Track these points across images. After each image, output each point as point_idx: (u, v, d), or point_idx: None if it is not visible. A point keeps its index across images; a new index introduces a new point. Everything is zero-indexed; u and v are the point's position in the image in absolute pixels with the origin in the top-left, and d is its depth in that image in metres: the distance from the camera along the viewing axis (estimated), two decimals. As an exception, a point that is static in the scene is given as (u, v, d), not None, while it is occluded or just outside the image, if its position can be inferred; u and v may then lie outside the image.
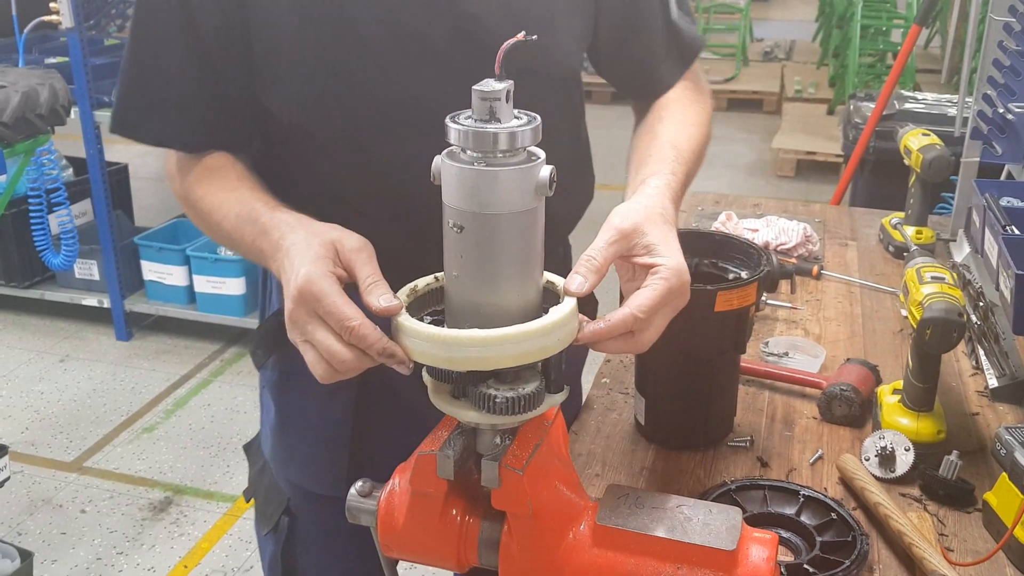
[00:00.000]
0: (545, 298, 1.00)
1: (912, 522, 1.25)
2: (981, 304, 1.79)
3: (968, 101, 2.19)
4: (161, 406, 3.87)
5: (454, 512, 0.99)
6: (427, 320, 1.00)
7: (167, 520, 3.19)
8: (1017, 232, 1.61)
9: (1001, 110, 1.98)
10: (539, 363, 0.95)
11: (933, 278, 1.40)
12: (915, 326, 1.36)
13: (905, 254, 1.81)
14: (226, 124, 1.23)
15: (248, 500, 1.52)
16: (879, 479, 1.37)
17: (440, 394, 0.97)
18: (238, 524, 3.17)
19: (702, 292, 1.31)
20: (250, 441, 1.55)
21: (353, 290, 0.98)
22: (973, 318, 1.77)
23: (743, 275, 1.42)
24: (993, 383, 1.62)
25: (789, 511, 1.30)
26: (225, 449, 3.57)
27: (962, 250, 2.10)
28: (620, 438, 1.51)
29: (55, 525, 3.16)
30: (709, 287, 1.33)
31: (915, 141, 2.11)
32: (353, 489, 1.03)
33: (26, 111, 3.09)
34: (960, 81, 2.31)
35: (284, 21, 1.14)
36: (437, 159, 0.91)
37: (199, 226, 1.25)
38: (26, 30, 3.85)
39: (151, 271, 4.32)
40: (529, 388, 0.93)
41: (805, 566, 1.19)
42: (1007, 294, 1.48)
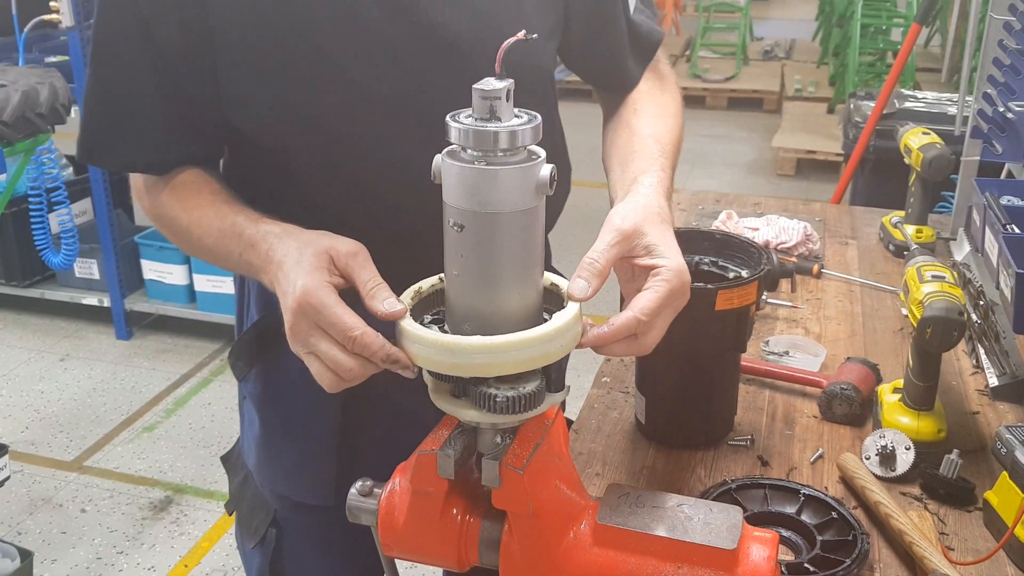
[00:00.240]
0: (550, 300, 1.00)
1: (913, 521, 1.25)
2: (981, 303, 1.79)
3: (968, 100, 2.19)
4: (161, 405, 3.87)
5: (455, 511, 0.99)
6: (428, 320, 1.00)
7: (167, 519, 3.19)
8: (1017, 231, 1.61)
9: (1001, 109, 1.98)
10: None
11: (933, 277, 1.40)
12: (915, 325, 1.36)
13: (905, 253, 1.81)
14: (194, 143, 1.20)
15: (230, 513, 1.50)
16: (880, 478, 1.37)
17: (440, 393, 0.97)
18: (238, 523, 3.17)
19: (703, 291, 1.31)
20: (228, 452, 1.51)
21: (350, 295, 0.98)
22: (973, 317, 1.76)
23: (743, 274, 1.41)
24: (993, 382, 1.62)
25: (790, 510, 1.30)
26: (225, 448, 3.55)
27: (962, 249, 2.10)
28: (621, 437, 1.51)
29: (55, 524, 3.16)
30: (710, 286, 1.33)
31: (915, 140, 2.11)
32: (353, 489, 1.03)
33: (26, 110, 3.09)
34: (960, 80, 2.31)
35: (249, 42, 1.11)
36: (437, 158, 0.91)
37: (176, 243, 1.23)
38: (26, 29, 3.85)
39: (151, 270, 4.32)
40: (530, 387, 0.93)
41: (806, 565, 1.19)
42: (1007, 293, 1.48)
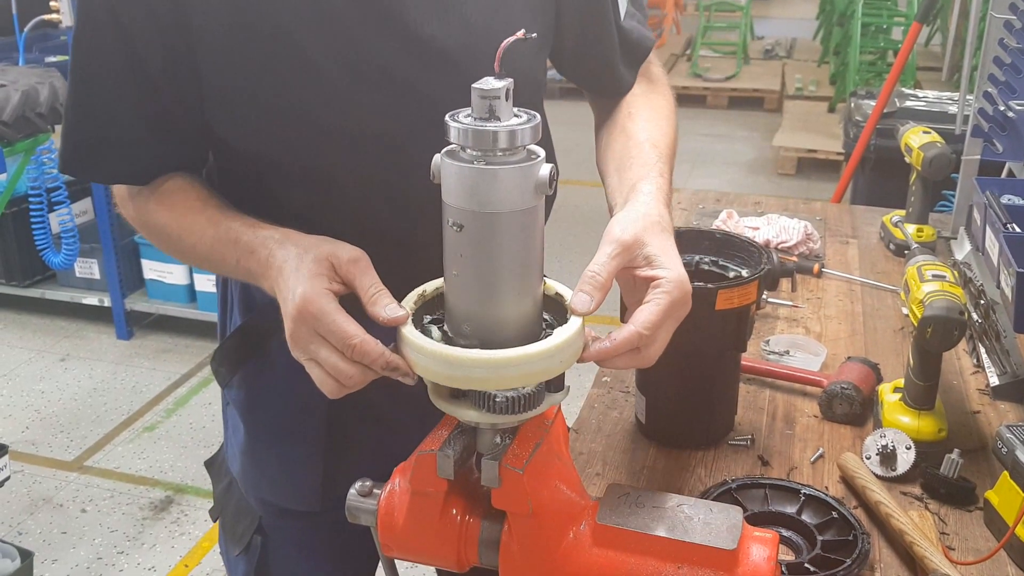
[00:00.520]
0: (554, 310, 0.99)
1: (913, 521, 1.25)
2: (982, 302, 1.79)
3: (969, 99, 2.19)
4: (162, 405, 3.87)
5: (454, 512, 0.98)
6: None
7: (168, 519, 3.19)
8: (1018, 230, 1.61)
9: (1002, 108, 1.98)
10: None
11: (934, 276, 1.40)
12: (916, 324, 1.36)
13: (906, 252, 1.81)
14: (177, 151, 1.18)
15: (215, 520, 1.48)
16: (880, 478, 1.36)
17: (440, 393, 0.96)
18: (239, 523, 3.17)
19: (703, 290, 1.31)
20: (212, 457, 1.50)
21: (351, 301, 0.98)
22: (974, 316, 1.76)
23: (744, 273, 1.41)
24: (994, 381, 1.62)
25: (790, 510, 1.29)
26: (226, 448, 3.57)
27: (963, 248, 2.10)
28: (621, 437, 1.51)
29: (56, 524, 3.16)
30: (710, 285, 1.33)
31: (916, 139, 2.11)
32: (353, 489, 1.02)
33: (26, 110, 3.09)
34: (961, 79, 2.31)
35: (234, 58, 1.09)
36: (437, 157, 0.91)
37: (165, 250, 1.21)
38: (26, 29, 3.85)
39: (152, 270, 4.31)
40: (529, 387, 0.93)
41: (806, 565, 1.19)
42: (1008, 292, 1.48)
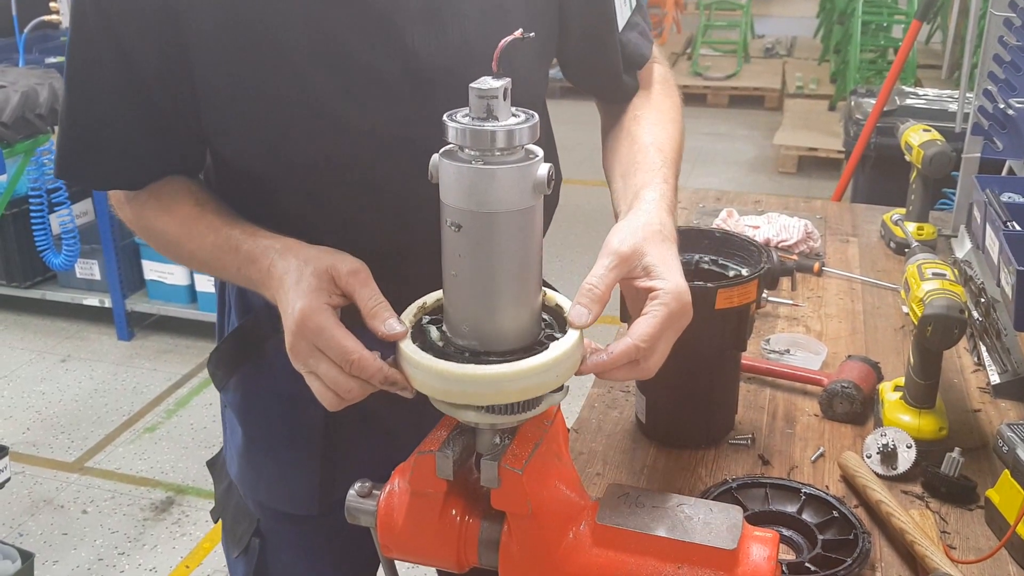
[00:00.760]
0: (555, 312, 0.99)
1: (914, 520, 1.25)
2: (983, 300, 1.78)
3: (969, 97, 2.19)
4: (163, 406, 3.87)
5: (453, 512, 0.98)
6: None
7: (169, 520, 3.19)
8: (1018, 228, 1.61)
9: (1002, 106, 1.97)
10: None
11: (934, 274, 1.40)
12: (916, 323, 1.36)
13: (906, 250, 1.80)
14: (173, 158, 1.18)
15: (216, 520, 1.49)
16: (881, 476, 1.36)
17: (439, 393, 0.96)
18: (240, 523, 3.17)
19: (703, 290, 1.31)
20: (214, 457, 1.50)
21: (350, 311, 0.98)
22: (975, 314, 1.76)
23: (743, 272, 1.41)
24: (995, 379, 1.62)
25: (790, 509, 1.29)
26: (226, 448, 3.57)
27: (963, 246, 2.10)
28: (621, 436, 1.51)
29: (56, 526, 3.16)
30: (709, 285, 1.32)
31: (916, 137, 2.10)
32: (352, 490, 1.02)
33: (25, 111, 3.09)
34: (961, 76, 2.30)
35: (230, 77, 1.08)
36: (435, 157, 0.90)
37: (164, 253, 1.21)
38: (26, 30, 3.85)
39: (152, 270, 4.31)
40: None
41: (807, 564, 1.19)
42: (1008, 290, 1.47)
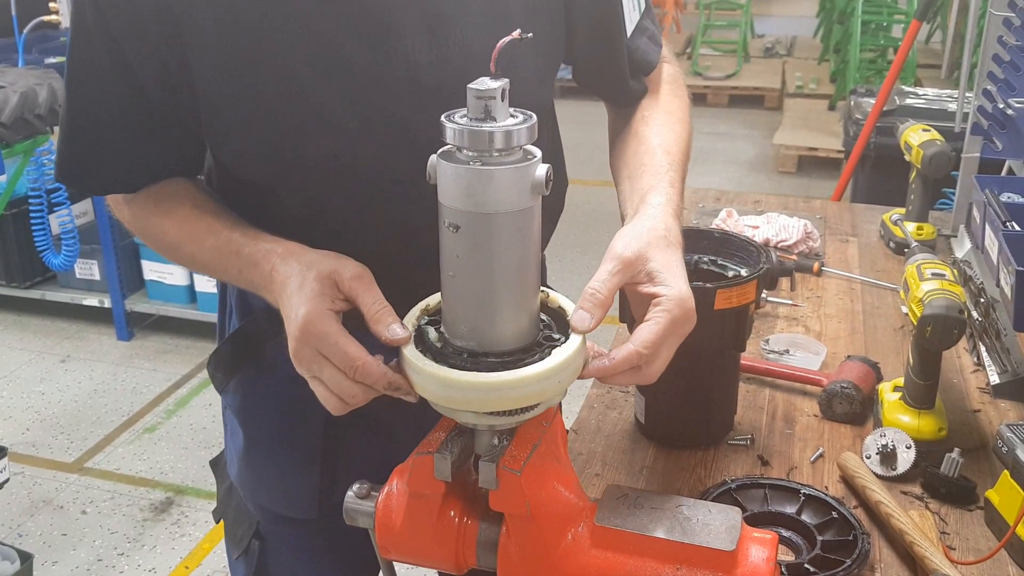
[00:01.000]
0: (558, 323, 0.99)
1: (913, 520, 1.25)
2: (982, 300, 1.78)
3: (968, 96, 2.18)
4: (162, 406, 3.87)
5: (452, 514, 0.98)
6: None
7: (168, 521, 3.19)
8: (1018, 228, 1.60)
9: (1001, 105, 1.97)
10: None
11: (934, 274, 1.40)
12: (916, 323, 1.36)
13: (906, 250, 1.80)
14: (171, 160, 1.18)
15: (218, 521, 1.48)
16: (880, 477, 1.36)
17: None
18: (239, 524, 3.16)
19: (702, 290, 1.31)
20: (216, 457, 1.50)
21: (353, 313, 0.98)
22: (974, 314, 1.76)
23: (743, 273, 1.41)
24: (995, 379, 1.62)
25: (790, 510, 1.29)
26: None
27: (963, 246, 2.09)
28: (620, 437, 1.51)
29: (56, 526, 3.16)
30: (708, 285, 1.32)
31: (916, 137, 2.10)
32: (351, 491, 1.02)
33: (24, 111, 3.10)
34: (960, 76, 2.30)
35: (229, 72, 1.08)
36: (433, 158, 0.90)
37: (163, 255, 1.22)
38: (26, 30, 3.85)
39: (152, 270, 4.31)
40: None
41: (806, 565, 1.19)
42: (1008, 290, 1.47)
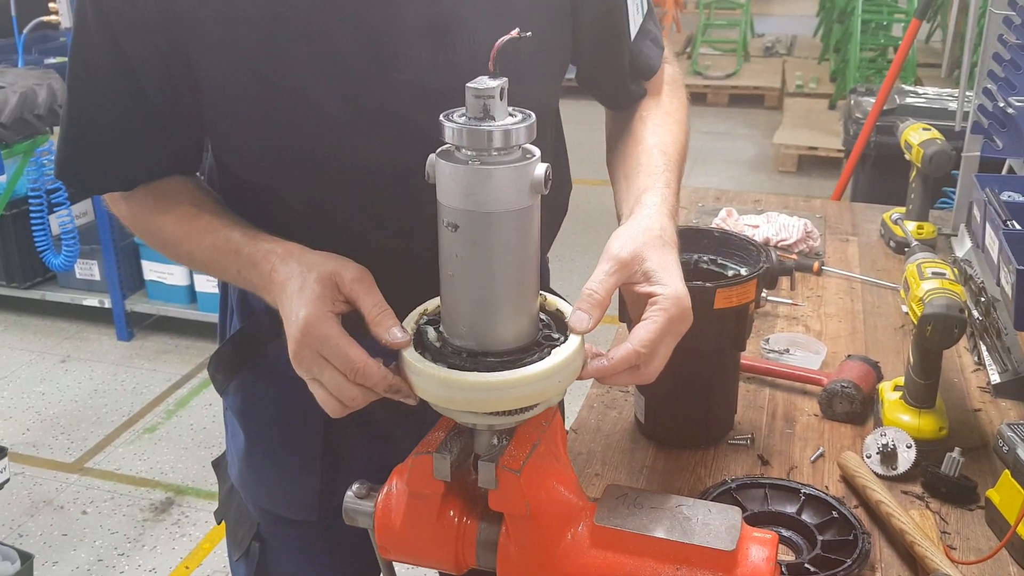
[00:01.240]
0: (556, 325, 0.99)
1: (914, 520, 1.24)
2: (983, 299, 1.78)
3: (968, 95, 2.18)
4: (162, 406, 3.87)
5: (451, 513, 0.98)
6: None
7: (168, 521, 3.18)
8: (1018, 227, 1.60)
9: (1001, 104, 1.97)
10: None
11: (934, 274, 1.40)
12: (916, 322, 1.35)
13: (906, 249, 1.80)
14: (169, 159, 1.18)
15: (219, 522, 1.48)
16: (881, 477, 1.36)
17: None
18: (240, 524, 3.16)
19: (701, 289, 1.30)
20: (218, 458, 1.50)
21: (353, 316, 0.98)
22: (975, 313, 1.76)
23: (742, 272, 1.41)
24: (995, 379, 1.61)
25: (790, 510, 1.29)
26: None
27: (963, 245, 2.09)
28: (620, 437, 1.51)
29: (56, 526, 3.16)
30: (708, 284, 1.32)
31: (916, 136, 2.10)
32: (350, 491, 1.02)
33: (24, 111, 3.09)
34: (960, 75, 2.30)
35: (230, 73, 1.08)
36: (432, 157, 0.90)
37: (162, 252, 1.21)
38: (25, 30, 3.85)
39: (152, 271, 4.31)
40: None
41: (806, 565, 1.19)
42: (1008, 289, 1.47)
